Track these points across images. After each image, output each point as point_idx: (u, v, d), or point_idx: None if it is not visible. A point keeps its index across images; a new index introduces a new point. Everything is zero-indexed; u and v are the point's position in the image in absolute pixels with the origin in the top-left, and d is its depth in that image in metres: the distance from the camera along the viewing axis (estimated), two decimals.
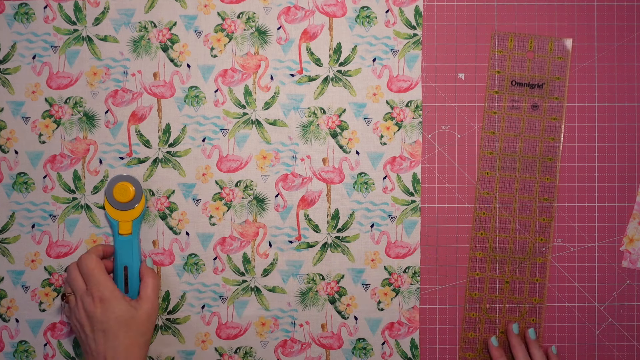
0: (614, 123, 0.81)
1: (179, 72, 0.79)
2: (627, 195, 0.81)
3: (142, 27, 0.79)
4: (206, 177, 0.80)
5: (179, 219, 0.80)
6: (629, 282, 0.81)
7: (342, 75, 0.80)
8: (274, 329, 0.80)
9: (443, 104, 0.81)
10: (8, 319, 0.79)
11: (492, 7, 0.81)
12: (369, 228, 0.80)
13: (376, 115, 0.80)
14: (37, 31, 0.79)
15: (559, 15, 0.81)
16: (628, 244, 0.81)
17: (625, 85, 0.81)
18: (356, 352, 0.81)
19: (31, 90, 0.79)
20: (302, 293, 0.80)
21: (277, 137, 0.80)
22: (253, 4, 0.80)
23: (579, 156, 0.81)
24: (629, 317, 0.81)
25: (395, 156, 0.80)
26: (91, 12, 0.79)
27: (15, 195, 0.79)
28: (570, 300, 0.81)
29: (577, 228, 0.81)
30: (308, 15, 0.80)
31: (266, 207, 0.80)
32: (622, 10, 0.81)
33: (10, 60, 0.79)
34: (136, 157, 0.80)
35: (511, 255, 0.80)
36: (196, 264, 0.80)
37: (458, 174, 0.81)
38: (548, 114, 0.80)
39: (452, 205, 0.81)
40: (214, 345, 0.80)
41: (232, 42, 0.80)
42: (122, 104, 0.79)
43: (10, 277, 0.79)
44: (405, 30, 0.80)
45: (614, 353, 0.81)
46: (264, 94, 0.80)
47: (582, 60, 0.81)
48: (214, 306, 0.80)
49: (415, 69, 0.80)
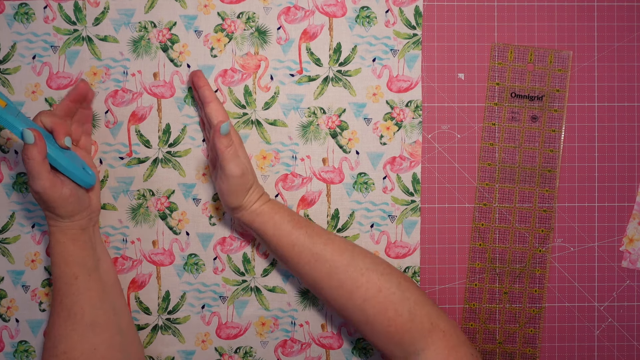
0: (614, 123, 0.81)
1: (179, 72, 0.79)
2: (627, 196, 0.81)
3: (142, 27, 0.79)
4: (206, 177, 0.80)
5: (179, 219, 0.80)
6: (629, 282, 0.81)
7: (342, 75, 0.80)
8: (274, 329, 0.80)
9: (443, 104, 0.81)
10: (8, 319, 0.79)
11: (492, 7, 0.80)
12: (368, 228, 0.80)
13: (376, 115, 0.80)
14: (37, 31, 0.79)
15: (559, 16, 0.81)
16: (628, 244, 0.81)
17: (625, 85, 0.81)
18: (356, 352, 0.81)
19: (31, 90, 0.79)
20: (302, 292, 0.80)
21: (277, 137, 0.80)
22: (253, 4, 0.80)
23: (579, 156, 0.81)
24: (629, 317, 0.81)
25: (395, 156, 0.80)
26: (91, 12, 0.79)
27: (15, 195, 0.79)
28: (570, 301, 0.81)
29: (577, 228, 0.81)
30: (308, 16, 0.80)
31: None
32: (622, 10, 0.81)
33: (10, 60, 0.79)
34: (136, 157, 0.80)
35: (510, 265, 0.80)
36: (196, 264, 0.80)
37: (458, 174, 0.81)
38: (547, 125, 0.80)
39: (452, 205, 0.81)
40: (214, 345, 0.80)
41: (232, 42, 0.80)
42: (122, 104, 0.79)
43: (10, 277, 0.79)
44: (405, 30, 0.80)
45: (613, 353, 0.81)
46: (264, 94, 0.80)
47: (582, 60, 0.81)
48: (214, 306, 0.80)
49: (415, 69, 0.80)
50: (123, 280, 0.80)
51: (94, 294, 0.71)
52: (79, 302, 0.70)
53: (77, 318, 0.70)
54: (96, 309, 0.71)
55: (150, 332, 0.80)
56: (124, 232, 0.80)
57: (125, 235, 0.80)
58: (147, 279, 0.80)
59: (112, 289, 0.74)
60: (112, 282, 0.75)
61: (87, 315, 0.70)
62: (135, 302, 0.80)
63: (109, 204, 0.79)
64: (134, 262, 0.80)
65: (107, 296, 0.73)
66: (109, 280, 0.74)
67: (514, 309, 0.81)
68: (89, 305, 0.71)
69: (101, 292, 0.72)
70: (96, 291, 0.71)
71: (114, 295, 0.74)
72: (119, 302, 0.75)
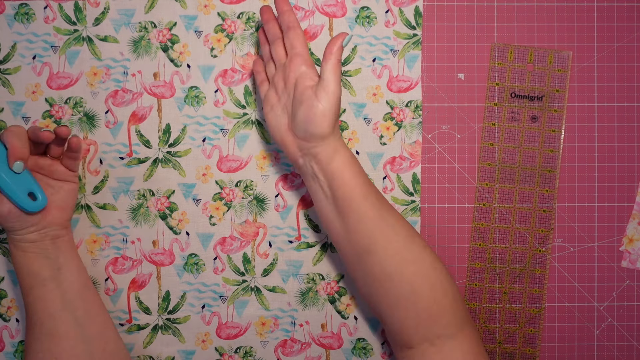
0: (613, 123, 0.81)
1: (179, 72, 0.79)
2: (626, 195, 0.81)
3: (142, 27, 0.79)
4: (206, 177, 0.80)
5: (179, 219, 0.80)
6: (629, 282, 0.81)
7: (342, 76, 0.80)
8: (274, 329, 0.80)
9: (443, 104, 0.81)
10: (8, 319, 0.79)
11: (492, 7, 0.81)
12: None
13: (376, 116, 0.80)
14: (37, 31, 0.79)
15: (559, 16, 0.81)
16: (628, 244, 0.81)
17: (625, 85, 0.81)
18: (356, 352, 0.81)
19: (31, 91, 0.79)
20: (302, 293, 0.80)
21: None
22: (253, 4, 0.80)
23: (579, 156, 0.81)
24: (629, 317, 0.81)
25: (395, 156, 0.80)
26: (91, 13, 0.79)
27: None
28: (570, 300, 0.81)
29: (577, 228, 0.81)
30: (308, 16, 0.80)
31: (266, 207, 0.80)
32: (622, 10, 0.81)
33: (10, 60, 0.79)
34: (136, 157, 0.80)
35: (510, 265, 0.80)
36: (196, 264, 0.80)
37: (458, 174, 0.81)
38: (547, 125, 0.80)
39: (452, 205, 0.81)
40: (214, 345, 0.80)
41: (232, 43, 0.80)
42: (122, 104, 0.79)
43: (10, 277, 0.79)
44: (405, 31, 0.80)
45: (613, 353, 0.81)
46: None
47: (582, 60, 0.81)
48: (214, 306, 0.80)
49: (415, 69, 0.80)
50: (123, 280, 0.80)
51: (50, 304, 0.70)
52: (36, 312, 0.70)
53: (37, 328, 0.70)
54: (54, 319, 0.70)
55: (150, 332, 0.80)
56: (124, 232, 0.80)
57: (125, 235, 0.80)
58: (147, 279, 0.80)
59: (76, 298, 0.71)
60: (76, 291, 0.72)
61: (46, 324, 0.69)
62: (136, 302, 0.80)
63: (109, 204, 0.79)
64: (134, 262, 0.80)
65: (67, 305, 0.71)
66: (71, 289, 0.72)
67: (513, 309, 0.81)
68: (46, 315, 0.70)
69: (60, 301, 0.70)
70: (52, 301, 0.70)
71: (78, 304, 0.72)
72: (86, 310, 0.72)
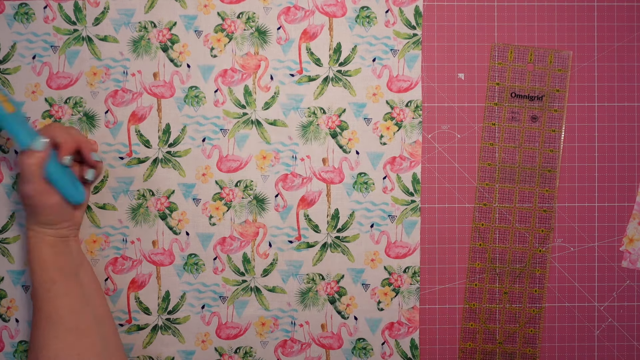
0: (614, 123, 0.81)
1: (179, 72, 0.79)
2: (627, 196, 0.81)
3: (142, 27, 0.79)
4: (206, 177, 0.80)
5: (179, 219, 0.80)
6: (629, 282, 0.81)
7: (342, 75, 0.80)
8: (274, 329, 0.80)
9: (443, 104, 0.81)
10: (8, 319, 0.79)
11: (492, 7, 0.80)
12: (368, 228, 0.80)
13: (376, 115, 0.80)
14: (37, 31, 0.79)
15: (559, 16, 0.81)
16: (628, 244, 0.81)
17: (625, 85, 0.81)
18: (356, 352, 0.81)
19: (31, 91, 0.79)
20: (302, 293, 0.80)
21: (277, 137, 0.80)
22: (253, 4, 0.80)
23: (579, 156, 0.81)
24: (629, 317, 0.81)
25: (395, 156, 0.80)
26: (91, 12, 0.79)
27: (15, 195, 0.79)
28: (570, 301, 0.81)
29: (577, 228, 0.81)
30: (308, 16, 0.80)
31: (266, 207, 0.80)
32: (622, 10, 0.81)
33: (10, 60, 0.79)
34: (136, 157, 0.80)
35: (510, 265, 0.80)
36: (196, 264, 0.80)
37: (458, 174, 0.81)
38: (547, 125, 0.80)
39: (452, 205, 0.81)
40: (214, 345, 0.80)
41: (232, 42, 0.80)
42: (122, 104, 0.79)
43: (10, 277, 0.79)
44: (405, 30, 0.80)
45: (613, 353, 0.81)
46: (264, 94, 0.80)
47: (582, 60, 0.81)
48: (214, 306, 0.80)
49: (415, 69, 0.80)
50: (123, 280, 0.80)
51: (74, 299, 0.70)
52: (58, 308, 0.70)
53: (58, 324, 0.69)
54: (77, 314, 0.70)
55: (150, 332, 0.80)
56: (124, 232, 0.80)
57: (125, 235, 0.80)
58: (147, 279, 0.80)
59: (93, 298, 0.73)
60: (93, 291, 0.73)
61: (68, 320, 0.69)
62: (135, 302, 0.80)
63: (109, 204, 0.79)
64: (134, 262, 0.80)
65: (88, 302, 0.72)
66: (89, 287, 0.73)
67: (514, 309, 0.81)
68: (69, 310, 0.70)
69: (81, 297, 0.71)
70: (76, 296, 0.71)
71: (97, 301, 0.73)
72: (101, 311, 0.73)
